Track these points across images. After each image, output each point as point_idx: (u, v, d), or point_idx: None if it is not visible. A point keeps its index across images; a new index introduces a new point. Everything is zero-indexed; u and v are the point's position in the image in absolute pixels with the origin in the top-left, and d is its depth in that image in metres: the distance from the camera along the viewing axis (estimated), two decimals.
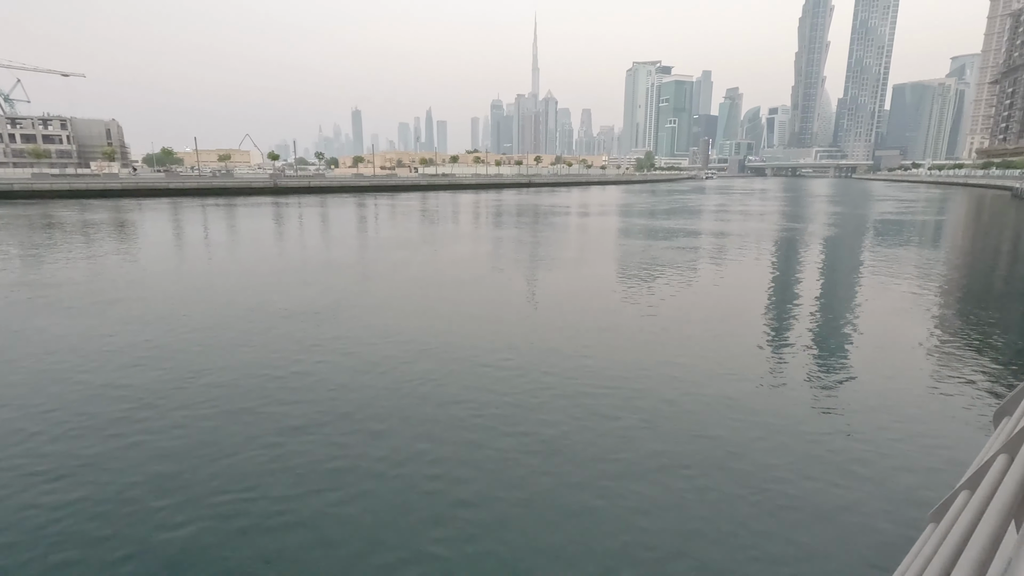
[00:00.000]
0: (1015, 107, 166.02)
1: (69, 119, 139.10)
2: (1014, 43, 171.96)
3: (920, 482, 7.10)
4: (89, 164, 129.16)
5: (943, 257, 27.47)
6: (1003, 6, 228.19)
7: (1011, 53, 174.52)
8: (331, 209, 57.31)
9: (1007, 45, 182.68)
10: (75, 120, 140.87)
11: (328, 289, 18.45)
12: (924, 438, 8.30)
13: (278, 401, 9.52)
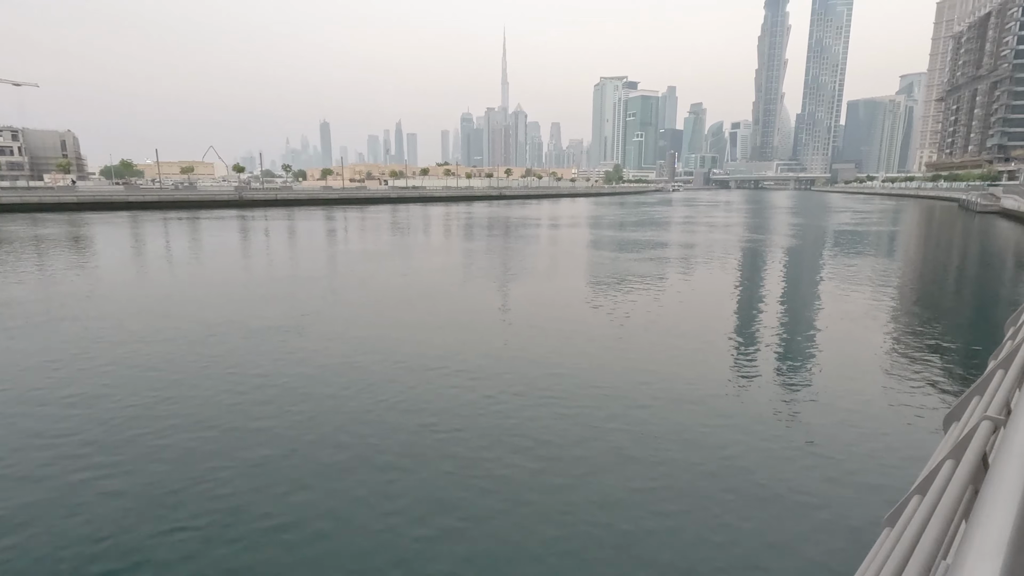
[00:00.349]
0: (959, 123, 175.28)
1: (21, 130, 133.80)
2: (956, 63, 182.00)
3: (877, 486, 7.27)
4: (43, 177, 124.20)
5: (897, 267, 28.57)
6: (946, 28, 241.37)
7: (954, 72, 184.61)
8: (299, 222, 56.36)
9: (950, 65, 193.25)
10: (27, 131, 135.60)
11: (293, 304, 17.95)
12: (881, 442, 8.52)
13: (239, 428, 9.00)
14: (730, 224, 57.81)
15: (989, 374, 3.35)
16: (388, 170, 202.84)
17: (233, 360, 12.36)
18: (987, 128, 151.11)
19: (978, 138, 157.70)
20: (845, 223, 59.07)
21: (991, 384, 3.11)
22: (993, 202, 72.61)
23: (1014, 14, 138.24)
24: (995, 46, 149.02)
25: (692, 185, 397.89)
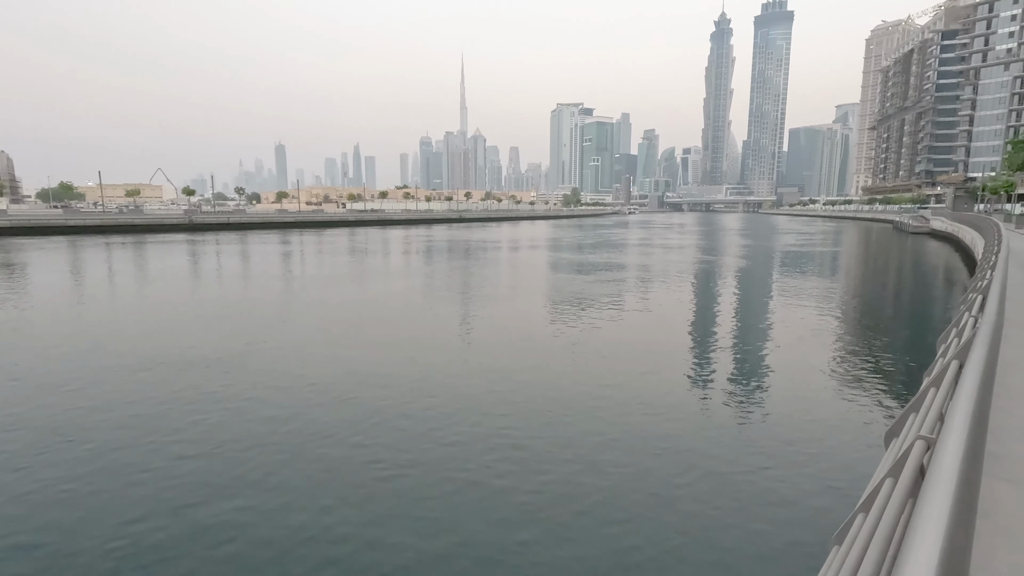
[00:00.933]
0: (890, 150, 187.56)
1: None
2: (885, 95, 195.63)
3: (824, 505, 7.45)
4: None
5: (841, 286, 29.97)
6: (874, 63, 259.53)
7: (883, 103, 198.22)
8: (251, 246, 54.75)
9: (880, 97, 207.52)
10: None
11: (236, 333, 17.02)
12: (830, 460, 8.78)
13: (165, 475, 8.12)
14: (684, 246, 59.54)
15: (923, 392, 3.52)
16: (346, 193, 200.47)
17: (164, 396, 11.49)
18: (915, 155, 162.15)
19: (907, 164, 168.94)
20: (791, 244, 61.77)
21: (925, 402, 3.27)
22: (924, 223, 77.64)
23: (933, 51, 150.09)
24: (918, 80, 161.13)
25: (647, 208, 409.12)
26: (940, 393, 3.23)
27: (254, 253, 47.80)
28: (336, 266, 37.80)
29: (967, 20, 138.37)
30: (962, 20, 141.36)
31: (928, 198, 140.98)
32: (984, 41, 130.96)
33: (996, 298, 5.55)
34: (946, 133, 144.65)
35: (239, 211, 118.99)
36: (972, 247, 36.46)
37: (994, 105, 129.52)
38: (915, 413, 3.34)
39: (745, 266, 39.40)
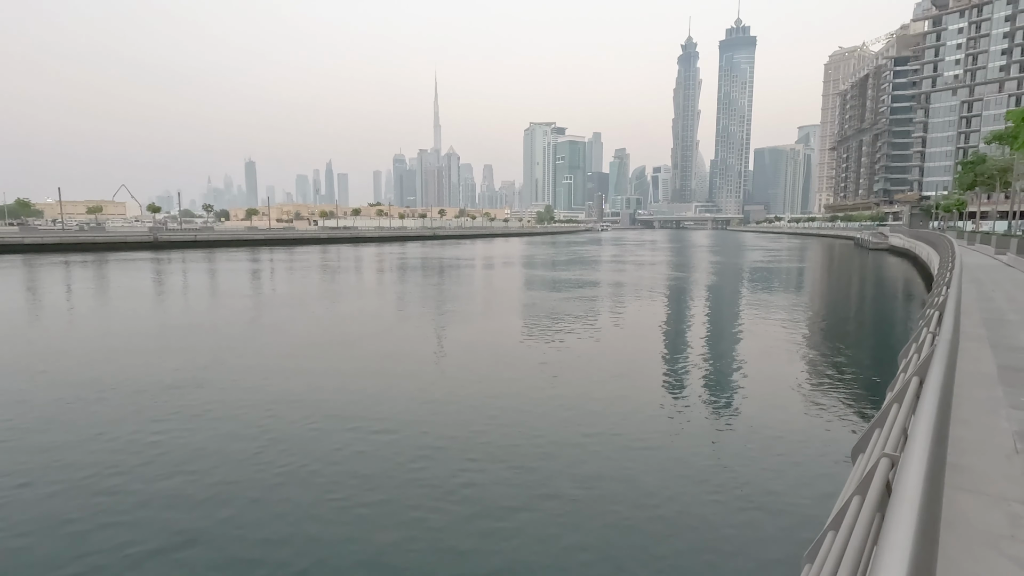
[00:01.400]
0: (850, 170, 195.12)
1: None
2: (844, 117, 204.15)
3: (795, 523, 7.55)
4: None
5: (807, 301, 30.80)
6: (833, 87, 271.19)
7: (842, 125, 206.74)
8: (219, 264, 53.51)
9: (839, 119, 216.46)
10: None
11: (195, 356, 16.27)
12: (800, 476, 8.92)
13: (110, 510, 7.63)
14: (656, 262, 60.49)
15: (887, 407, 3.64)
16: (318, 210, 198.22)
17: (113, 424, 10.89)
18: (873, 174, 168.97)
19: (866, 183, 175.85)
20: (759, 261, 63.35)
21: (888, 417, 3.38)
22: (883, 240, 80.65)
23: (887, 76, 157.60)
24: (874, 103, 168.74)
25: (619, 225, 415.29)
26: (903, 409, 3.33)
27: (221, 271, 46.72)
28: (305, 285, 37.17)
29: (917, 48, 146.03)
30: (912, 48, 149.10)
31: (886, 216, 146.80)
32: (933, 68, 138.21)
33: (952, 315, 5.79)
34: (901, 154, 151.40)
35: (207, 228, 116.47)
36: (928, 262, 38.00)
37: (944, 128, 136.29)
38: (880, 428, 3.44)
39: (715, 282, 40.19)
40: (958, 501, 3.72)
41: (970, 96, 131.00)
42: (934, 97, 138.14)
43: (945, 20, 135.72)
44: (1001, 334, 9.89)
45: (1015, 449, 4.68)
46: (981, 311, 12.52)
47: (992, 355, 8.24)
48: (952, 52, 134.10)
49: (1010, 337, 9.64)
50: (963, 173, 52.76)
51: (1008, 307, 13.30)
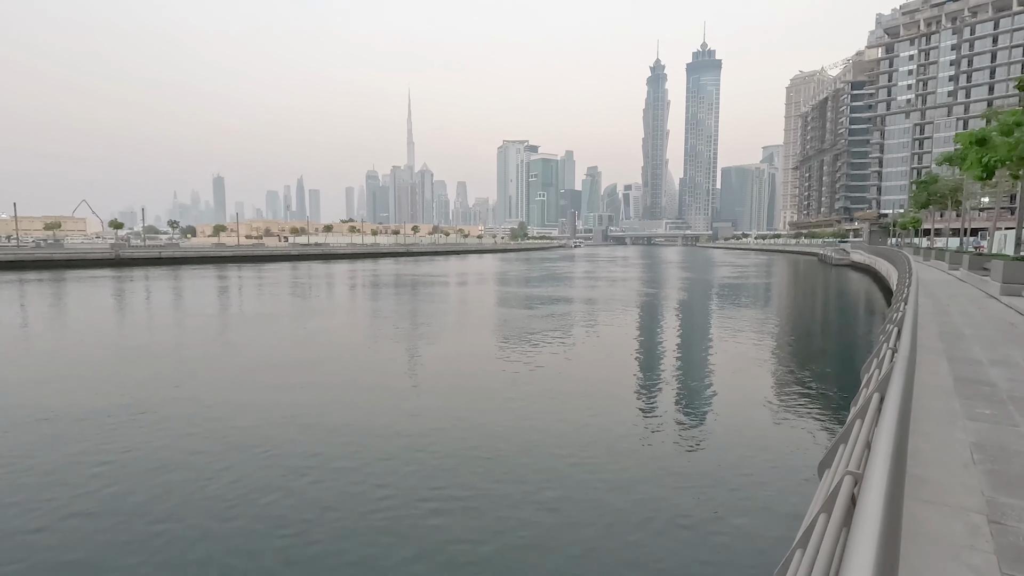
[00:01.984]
0: (812, 188, 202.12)
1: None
2: (805, 138, 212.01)
3: (764, 538, 7.65)
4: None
5: (775, 317, 31.56)
6: (794, 109, 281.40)
7: (804, 146, 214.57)
8: (184, 282, 52.08)
9: (801, 139, 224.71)
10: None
11: (142, 382, 15.30)
12: (767, 492, 9.06)
13: (47, 545, 7.12)
14: (628, 279, 61.27)
15: (850, 423, 3.76)
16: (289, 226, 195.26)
17: (58, 452, 10.32)
18: (834, 193, 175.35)
19: (828, 201, 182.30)
20: (728, 277, 64.76)
21: (852, 433, 3.49)
22: (845, 256, 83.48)
23: (845, 99, 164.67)
24: (833, 125, 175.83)
25: (592, 241, 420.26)
26: (865, 424, 3.45)
27: (186, 289, 45.46)
28: (273, 302, 36.42)
29: (872, 73, 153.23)
30: (867, 73, 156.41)
31: (848, 232, 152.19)
32: (887, 92, 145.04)
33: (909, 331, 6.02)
34: (860, 173, 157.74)
35: (172, 245, 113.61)
36: (888, 277, 39.43)
37: (899, 149, 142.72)
38: (844, 444, 3.54)
39: (686, 299, 40.89)
40: (920, 512, 3.84)
41: (922, 119, 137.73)
42: (889, 120, 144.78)
43: (897, 48, 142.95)
44: (957, 347, 10.30)
45: (972, 460, 4.85)
46: (938, 325, 13.02)
47: (949, 368, 8.57)
48: (904, 78, 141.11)
49: (965, 350, 10.04)
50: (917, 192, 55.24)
51: (962, 321, 13.87)
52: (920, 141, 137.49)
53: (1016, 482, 4.39)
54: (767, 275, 68.91)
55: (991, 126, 26.93)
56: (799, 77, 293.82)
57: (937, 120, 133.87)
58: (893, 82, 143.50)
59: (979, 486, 4.30)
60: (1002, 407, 6.53)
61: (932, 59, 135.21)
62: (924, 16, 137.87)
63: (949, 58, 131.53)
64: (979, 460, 4.85)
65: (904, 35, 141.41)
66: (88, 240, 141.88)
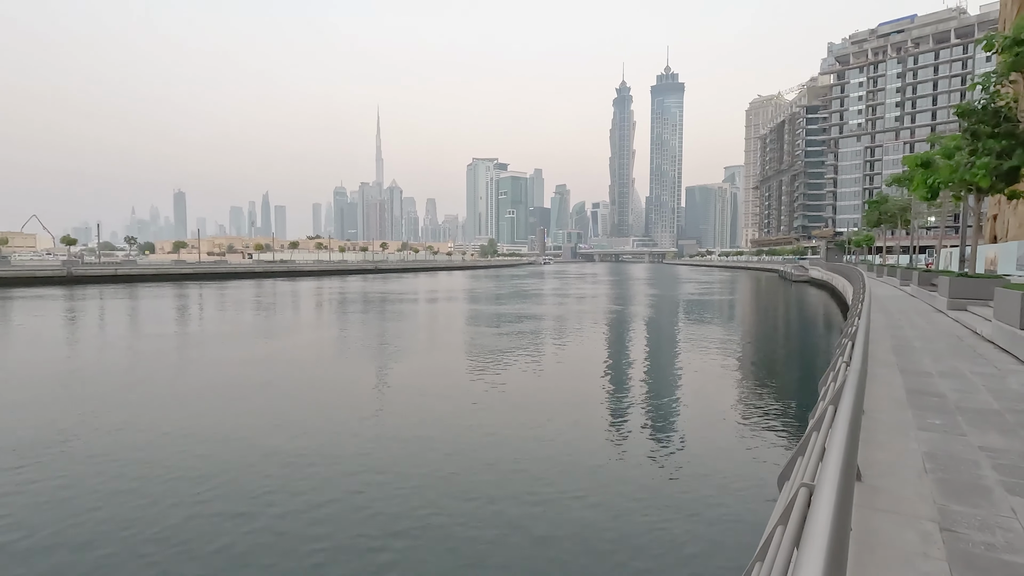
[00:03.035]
0: (772, 207, 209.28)
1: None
2: (765, 159, 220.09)
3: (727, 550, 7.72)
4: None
5: (737, 334, 32.28)
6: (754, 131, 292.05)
7: (763, 166, 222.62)
8: (140, 301, 50.18)
9: (760, 160, 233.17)
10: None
11: (66, 409, 14.14)
12: (731, 505, 9.16)
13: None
14: (596, 295, 61.91)
15: (807, 435, 3.86)
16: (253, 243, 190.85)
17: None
18: (793, 212, 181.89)
19: (787, 219, 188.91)
20: (693, 293, 66.12)
21: (809, 444, 3.57)
22: (804, 273, 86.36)
23: (801, 123, 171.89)
24: (791, 147, 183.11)
25: (561, 258, 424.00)
26: (820, 436, 3.53)
27: (142, 308, 43.78)
28: (234, 321, 35.39)
29: (825, 98, 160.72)
30: (821, 98, 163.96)
31: (806, 250, 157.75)
32: (839, 116, 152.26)
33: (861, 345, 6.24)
34: (816, 193, 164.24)
35: (129, 262, 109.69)
36: (844, 293, 40.88)
37: (852, 170, 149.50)
38: (802, 456, 3.62)
39: (652, 316, 41.50)
40: (876, 521, 3.93)
41: (872, 143, 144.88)
42: (842, 143, 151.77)
43: (847, 75, 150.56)
44: (909, 360, 10.71)
45: (924, 469, 5.01)
46: (891, 338, 13.54)
47: (902, 380, 8.88)
48: (855, 103, 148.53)
49: (916, 363, 10.45)
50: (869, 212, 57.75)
51: (913, 334, 14.46)
52: (871, 163, 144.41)
53: (965, 490, 4.55)
54: (731, 291, 70.64)
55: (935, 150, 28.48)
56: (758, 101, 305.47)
57: (886, 143, 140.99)
58: (845, 107, 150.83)
59: (931, 494, 4.43)
60: (951, 417, 6.79)
61: (880, 86, 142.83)
62: (871, 46, 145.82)
63: (895, 85, 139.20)
64: (931, 469, 5.01)
65: (854, 63, 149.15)
66: (38, 257, 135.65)
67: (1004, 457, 5.37)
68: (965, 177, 20.58)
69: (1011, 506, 4.25)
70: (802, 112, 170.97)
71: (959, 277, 20.61)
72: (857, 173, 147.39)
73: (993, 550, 3.57)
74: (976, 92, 16.74)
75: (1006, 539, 3.72)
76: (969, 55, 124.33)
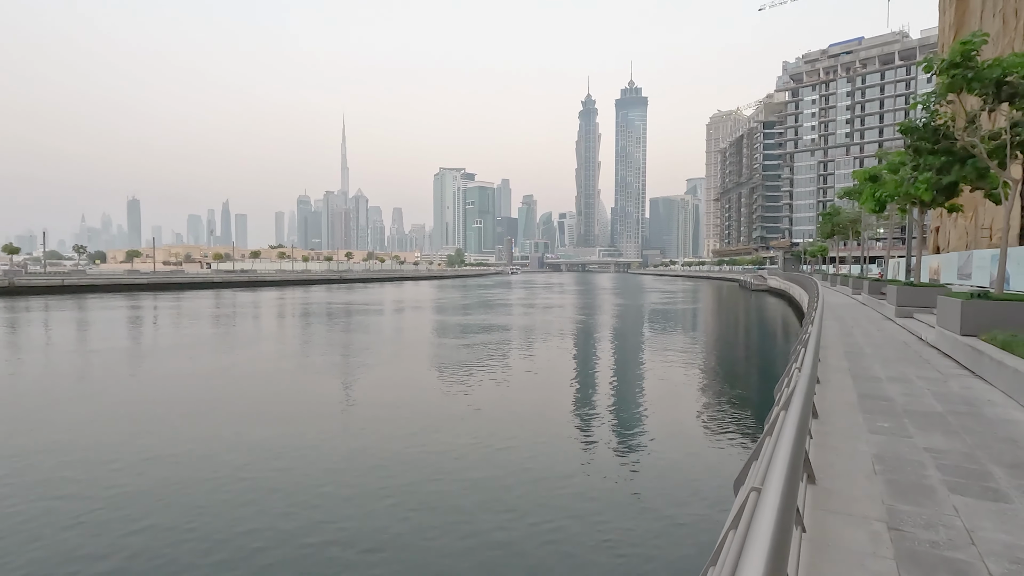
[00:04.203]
0: (732, 219, 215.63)
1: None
2: (725, 172, 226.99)
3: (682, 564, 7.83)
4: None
5: (699, 343, 32.99)
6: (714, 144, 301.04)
7: (724, 179, 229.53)
8: (88, 312, 47.92)
9: (720, 173, 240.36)
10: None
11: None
12: (692, 511, 9.31)
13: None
14: (563, 305, 62.36)
15: (761, 440, 3.96)
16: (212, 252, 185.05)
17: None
18: (752, 223, 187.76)
19: (746, 231, 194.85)
20: (657, 303, 67.31)
21: (763, 449, 3.66)
22: (763, 282, 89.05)
23: (758, 137, 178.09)
24: (749, 160, 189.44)
25: (529, 268, 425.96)
26: (772, 441, 3.63)
27: (91, 320, 41.81)
28: (191, 332, 34.14)
29: (781, 114, 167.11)
30: (777, 114, 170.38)
31: (765, 260, 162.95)
32: (794, 132, 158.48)
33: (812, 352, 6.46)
34: (773, 205, 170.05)
35: (78, 271, 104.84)
36: (800, 301, 42.34)
37: (806, 183, 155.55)
38: (756, 461, 3.71)
39: (618, 326, 42.05)
40: (828, 522, 4.04)
41: (825, 157, 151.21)
42: (797, 157, 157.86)
43: (801, 92, 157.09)
44: (860, 365, 11.13)
45: (874, 470, 5.20)
46: (843, 345, 14.06)
47: (853, 385, 9.23)
48: (808, 119, 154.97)
49: (867, 368, 10.87)
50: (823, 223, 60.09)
51: (864, 341, 15.05)
52: (824, 177, 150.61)
53: (911, 490, 4.73)
54: (693, 300, 72.21)
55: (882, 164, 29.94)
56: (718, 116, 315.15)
57: (838, 158, 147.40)
58: (799, 123, 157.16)
59: (880, 495, 4.60)
60: (898, 420, 7.08)
61: (831, 104, 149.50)
62: (823, 65, 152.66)
63: (845, 103, 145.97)
64: (880, 471, 5.20)
65: (807, 81, 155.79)
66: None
67: (947, 458, 5.62)
68: (909, 191, 21.69)
69: (953, 505, 4.44)
70: (759, 127, 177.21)
71: (905, 286, 21.61)
72: (811, 186, 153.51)
73: (937, 547, 3.72)
74: (917, 111, 17.68)
75: (948, 536, 3.88)
76: (912, 76, 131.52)
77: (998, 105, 13.97)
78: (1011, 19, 31.80)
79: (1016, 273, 20.87)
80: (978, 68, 13.87)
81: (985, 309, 11.53)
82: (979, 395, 8.53)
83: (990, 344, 9.94)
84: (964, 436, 6.39)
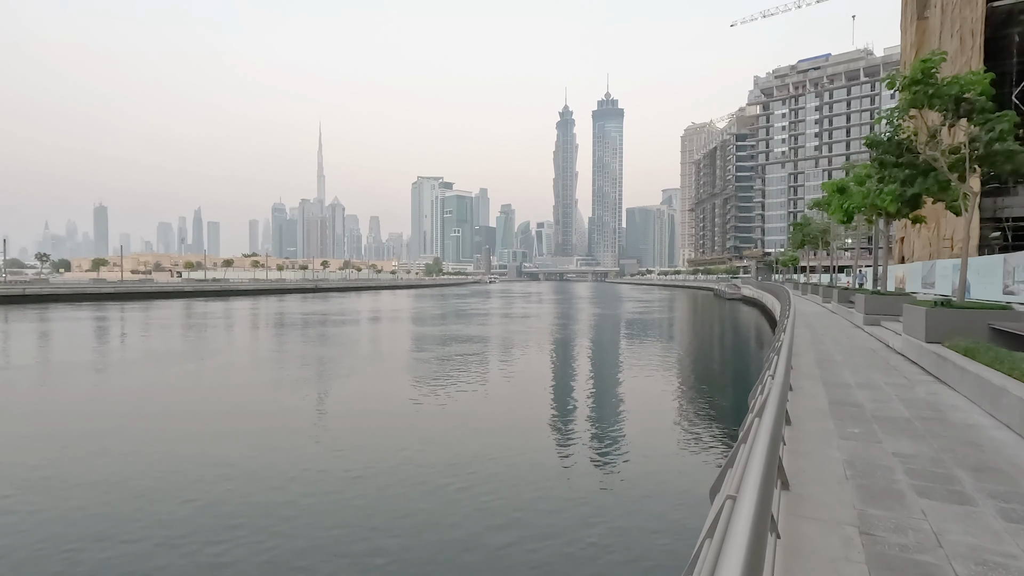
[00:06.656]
0: (707, 228, 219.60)
1: None
2: (699, 183, 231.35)
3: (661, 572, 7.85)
4: None
5: (675, 352, 33.36)
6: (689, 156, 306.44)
7: (698, 190, 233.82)
8: (50, 324, 46.26)
9: (695, 184, 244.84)
10: None
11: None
12: (671, 519, 9.35)
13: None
14: (541, 315, 62.49)
15: (736, 447, 4.00)
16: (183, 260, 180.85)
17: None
18: (726, 233, 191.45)
19: (720, 240, 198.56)
20: (634, 312, 67.94)
21: (737, 457, 3.70)
22: (736, 291, 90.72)
23: (731, 149, 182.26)
24: (722, 172, 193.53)
25: (507, 277, 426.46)
26: (747, 448, 3.66)
27: (52, 331, 40.37)
28: (159, 343, 33.21)
29: (753, 127, 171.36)
30: (750, 127, 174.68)
31: (739, 269, 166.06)
32: (766, 144, 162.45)
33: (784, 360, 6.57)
34: (746, 216, 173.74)
35: (40, 280, 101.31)
36: (773, 310, 43.16)
37: (778, 195, 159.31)
38: (731, 468, 3.74)
39: (595, 335, 42.28)
40: (801, 528, 4.09)
41: (795, 169, 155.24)
42: (768, 169, 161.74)
43: (772, 106, 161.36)
44: (831, 372, 11.36)
45: (845, 476, 5.28)
46: (815, 352, 14.34)
47: (824, 391, 9.40)
48: (779, 132, 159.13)
49: (837, 375, 11.09)
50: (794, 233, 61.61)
51: (834, 348, 15.39)
52: (795, 188, 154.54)
53: (881, 494, 4.82)
54: (669, 310, 73.09)
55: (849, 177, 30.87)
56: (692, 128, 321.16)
57: (807, 170, 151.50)
58: (770, 136, 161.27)
59: (851, 500, 4.67)
60: (868, 426, 7.23)
61: (800, 117, 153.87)
62: (792, 80, 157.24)
63: (814, 117, 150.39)
64: (851, 476, 5.29)
65: (777, 95, 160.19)
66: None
67: (914, 462, 5.75)
68: (875, 203, 22.39)
69: (921, 508, 4.53)
70: (732, 139, 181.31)
71: (873, 295, 22.21)
72: (783, 197, 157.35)
73: (907, 551, 3.78)
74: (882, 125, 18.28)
75: (917, 540, 3.96)
76: (876, 92, 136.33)
77: (957, 120, 14.53)
78: (968, 39, 33.24)
79: (976, 282, 21.65)
80: (938, 85, 14.42)
81: (948, 317, 11.89)
82: (944, 400, 8.77)
83: (953, 351, 10.25)
84: (930, 441, 6.55)
